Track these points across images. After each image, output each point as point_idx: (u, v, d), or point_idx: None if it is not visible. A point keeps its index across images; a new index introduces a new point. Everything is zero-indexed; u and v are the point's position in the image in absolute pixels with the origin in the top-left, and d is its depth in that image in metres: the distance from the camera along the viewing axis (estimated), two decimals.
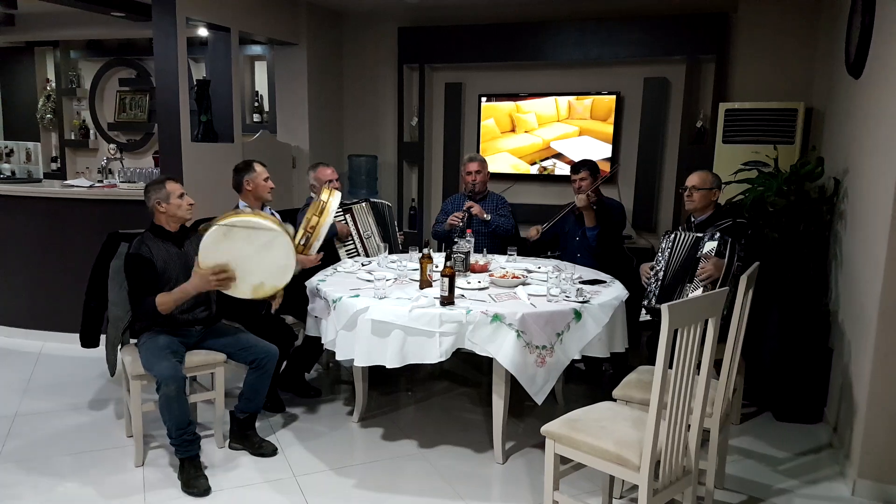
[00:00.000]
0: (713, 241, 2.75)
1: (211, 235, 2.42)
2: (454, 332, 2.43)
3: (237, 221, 2.45)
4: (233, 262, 2.46)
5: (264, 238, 2.48)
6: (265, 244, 2.49)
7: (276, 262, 2.52)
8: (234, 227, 2.44)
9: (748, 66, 4.27)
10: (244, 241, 2.46)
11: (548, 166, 4.80)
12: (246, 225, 2.46)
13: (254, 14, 4.33)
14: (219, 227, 2.43)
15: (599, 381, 3.42)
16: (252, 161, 3.12)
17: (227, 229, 2.43)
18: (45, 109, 6.28)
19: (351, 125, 5.39)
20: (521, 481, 2.50)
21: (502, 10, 4.74)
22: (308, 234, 2.72)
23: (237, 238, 2.45)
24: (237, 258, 2.46)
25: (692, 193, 2.95)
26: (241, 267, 2.48)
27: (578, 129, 4.68)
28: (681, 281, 2.82)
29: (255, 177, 3.06)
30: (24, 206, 3.94)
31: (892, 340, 2.33)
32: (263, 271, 2.51)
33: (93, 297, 2.75)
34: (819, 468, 2.64)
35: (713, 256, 2.72)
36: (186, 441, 2.41)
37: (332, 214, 2.84)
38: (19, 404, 3.12)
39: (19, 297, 4.04)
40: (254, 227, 2.47)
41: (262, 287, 2.54)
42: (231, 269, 2.46)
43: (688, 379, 1.84)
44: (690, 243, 2.85)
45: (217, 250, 2.44)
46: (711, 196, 2.94)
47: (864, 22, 2.76)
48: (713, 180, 2.95)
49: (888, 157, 2.36)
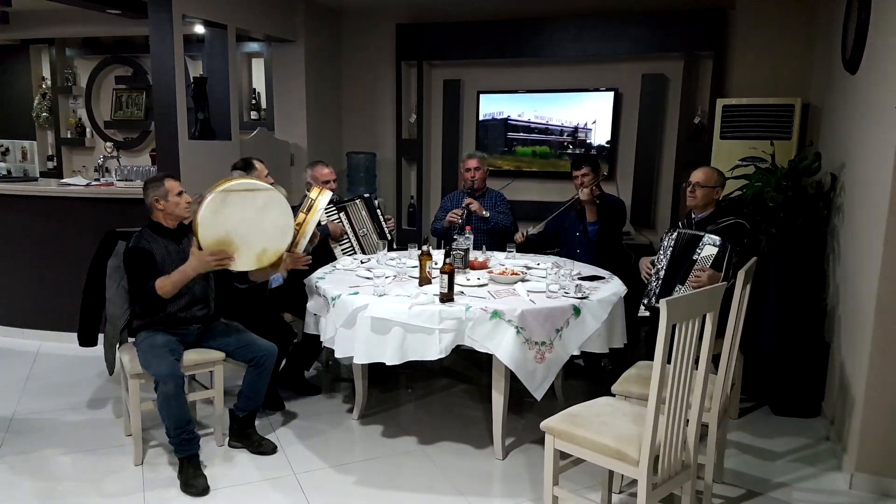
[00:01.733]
0: (713, 248, 2.69)
1: (209, 205, 2.36)
2: (454, 329, 2.44)
3: (233, 185, 2.41)
4: (233, 231, 2.42)
5: (262, 198, 2.45)
6: (263, 205, 2.46)
7: (276, 223, 2.50)
8: (231, 192, 2.40)
9: (745, 62, 4.27)
10: (242, 204, 2.42)
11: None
12: (242, 188, 2.42)
13: (251, 11, 4.32)
14: (216, 194, 2.37)
15: (599, 376, 3.42)
16: (251, 159, 3.11)
17: (225, 195, 2.39)
18: (41, 108, 6.25)
19: (349, 122, 5.39)
20: (521, 477, 2.51)
21: (500, 7, 4.73)
22: (295, 230, 2.70)
23: (235, 203, 2.40)
24: (237, 224, 2.42)
25: (695, 190, 2.90)
26: (241, 234, 2.44)
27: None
28: (677, 280, 2.80)
29: (257, 175, 3.05)
30: (21, 205, 3.93)
31: (889, 334, 2.34)
32: (264, 235, 2.48)
33: (90, 296, 2.74)
34: (817, 462, 2.65)
35: (709, 269, 2.68)
36: (185, 440, 2.41)
37: (321, 212, 2.82)
38: (17, 404, 3.12)
39: (16, 297, 4.03)
40: (250, 188, 2.43)
41: (265, 254, 2.51)
42: (231, 242, 2.42)
43: (686, 374, 1.84)
44: (687, 240, 2.81)
45: (216, 219, 2.39)
46: (714, 194, 2.90)
47: (860, 18, 2.77)
48: (718, 178, 2.90)
49: (884, 152, 2.37)
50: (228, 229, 2.42)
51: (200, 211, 2.37)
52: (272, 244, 2.51)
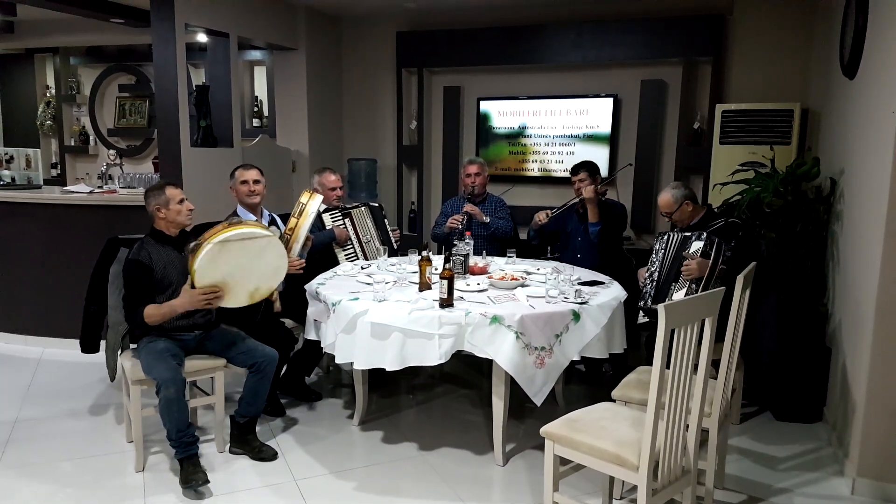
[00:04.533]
0: (699, 241, 2.77)
1: (207, 255, 2.40)
2: (453, 334, 2.44)
3: (231, 235, 2.44)
4: (229, 276, 2.47)
5: (259, 245, 2.50)
6: (259, 251, 2.51)
7: (270, 264, 2.54)
8: (229, 242, 2.43)
9: (744, 67, 4.29)
10: (239, 252, 2.47)
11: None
12: (240, 237, 2.46)
13: (252, 19, 4.35)
14: (213, 245, 2.40)
15: (600, 382, 3.42)
16: (237, 167, 3.13)
17: (222, 245, 2.42)
18: (45, 116, 6.30)
19: (350, 129, 5.41)
20: (521, 483, 2.50)
21: (500, 14, 4.76)
22: (287, 236, 2.72)
23: (232, 251, 2.45)
24: (234, 270, 2.47)
25: (669, 217, 3.00)
26: (237, 278, 2.49)
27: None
28: (670, 280, 2.84)
29: (234, 182, 3.08)
30: (24, 213, 3.95)
31: (889, 339, 2.34)
32: (258, 276, 2.53)
33: (92, 302, 2.75)
34: (818, 467, 2.64)
35: (698, 257, 2.74)
36: (186, 443, 2.42)
37: (312, 216, 2.84)
38: (19, 410, 3.13)
39: (20, 304, 4.05)
40: (247, 237, 2.47)
41: (257, 291, 2.56)
42: (226, 283, 2.46)
43: (686, 379, 1.84)
44: (678, 242, 2.87)
45: (214, 268, 2.43)
46: (686, 209, 2.94)
47: (858, 23, 2.78)
48: (676, 195, 2.92)
49: (883, 157, 2.37)
50: (224, 275, 2.47)
51: (197, 260, 2.40)
52: (265, 282, 2.56)
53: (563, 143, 4.76)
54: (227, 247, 2.43)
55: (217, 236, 2.43)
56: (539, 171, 4.87)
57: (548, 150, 4.83)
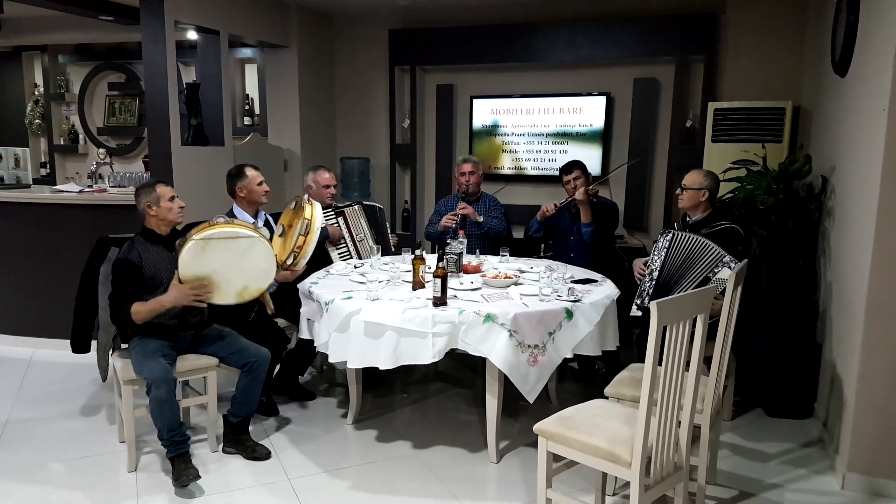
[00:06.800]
0: (729, 269, 2.58)
1: (189, 251, 2.42)
2: (447, 333, 2.44)
3: (213, 233, 2.46)
4: (214, 273, 2.47)
5: (242, 245, 2.51)
6: (244, 251, 2.51)
7: (258, 265, 2.54)
8: (211, 240, 2.45)
9: (736, 65, 4.30)
10: (222, 250, 2.47)
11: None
12: (222, 235, 2.47)
13: (243, 17, 4.33)
14: (195, 241, 2.42)
15: (593, 379, 3.43)
16: (244, 166, 3.11)
17: (205, 243, 2.44)
18: (34, 114, 6.24)
19: (343, 127, 5.39)
20: (515, 480, 2.51)
21: (493, 12, 4.76)
22: (295, 253, 2.74)
23: (215, 249, 2.45)
24: (218, 268, 2.48)
25: (682, 192, 2.95)
26: (222, 275, 2.49)
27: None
28: (678, 287, 2.75)
29: (248, 182, 3.05)
30: (13, 212, 3.92)
31: (879, 335, 2.36)
32: (246, 275, 2.53)
33: (83, 302, 2.73)
34: (809, 463, 2.66)
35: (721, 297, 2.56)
36: (177, 441, 2.41)
37: (318, 232, 2.84)
38: (10, 411, 3.10)
39: (9, 304, 4.01)
40: (230, 236, 2.48)
41: (246, 290, 2.56)
42: (212, 280, 2.47)
43: (677, 376, 1.85)
44: (691, 246, 2.74)
45: (198, 264, 2.45)
46: (700, 196, 2.91)
47: (849, 21, 2.80)
48: (703, 181, 2.91)
49: (873, 155, 2.39)
50: (209, 272, 2.47)
51: (181, 255, 2.42)
52: (254, 283, 2.56)
53: (556, 141, 4.77)
54: (210, 244, 2.44)
55: (200, 233, 2.44)
56: (533, 169, 4.87)
57: (541, 149, 4.84)
